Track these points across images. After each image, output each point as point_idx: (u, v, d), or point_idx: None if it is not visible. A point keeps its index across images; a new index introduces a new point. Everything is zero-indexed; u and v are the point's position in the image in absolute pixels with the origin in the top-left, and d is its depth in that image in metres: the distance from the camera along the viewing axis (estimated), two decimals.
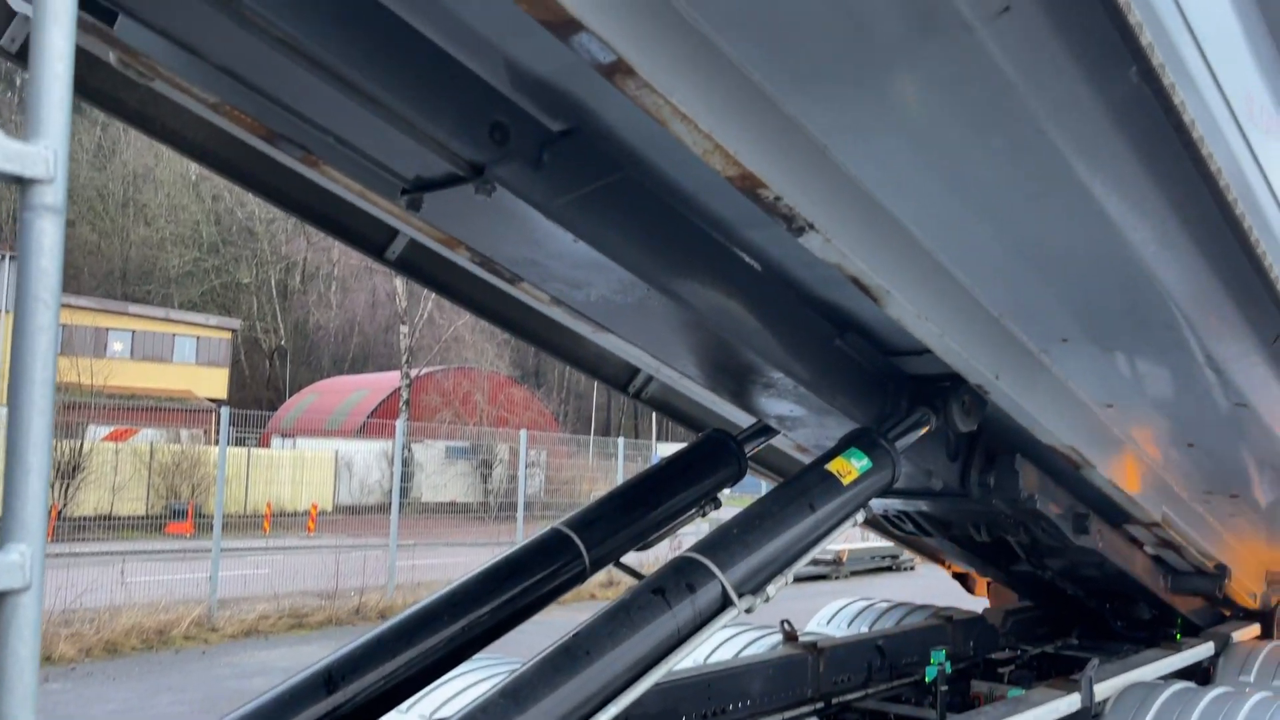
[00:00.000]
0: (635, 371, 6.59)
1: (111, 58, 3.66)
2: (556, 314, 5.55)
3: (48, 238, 1.39)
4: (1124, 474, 5.73)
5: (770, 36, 2.95)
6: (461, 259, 4.86)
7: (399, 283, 47.79)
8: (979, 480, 5.49)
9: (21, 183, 1.38)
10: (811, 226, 3.36)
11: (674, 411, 6.90)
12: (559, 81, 3.34)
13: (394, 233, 5.01)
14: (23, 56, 3.97)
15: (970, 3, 2.68)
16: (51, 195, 1.40)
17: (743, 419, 6.08)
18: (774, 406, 4.96)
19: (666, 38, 2.78)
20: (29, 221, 1.39)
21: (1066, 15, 2.74)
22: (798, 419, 5.04)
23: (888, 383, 5.03)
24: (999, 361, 4.47)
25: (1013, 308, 4.31)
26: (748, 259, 4.31)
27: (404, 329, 50.45)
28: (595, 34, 2.61)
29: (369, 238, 4.99)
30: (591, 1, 2.58)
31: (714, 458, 5.27)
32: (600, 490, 17.19)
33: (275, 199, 4.64)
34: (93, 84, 4.00)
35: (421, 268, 5.16)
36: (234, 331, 60.48)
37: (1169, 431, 5.75)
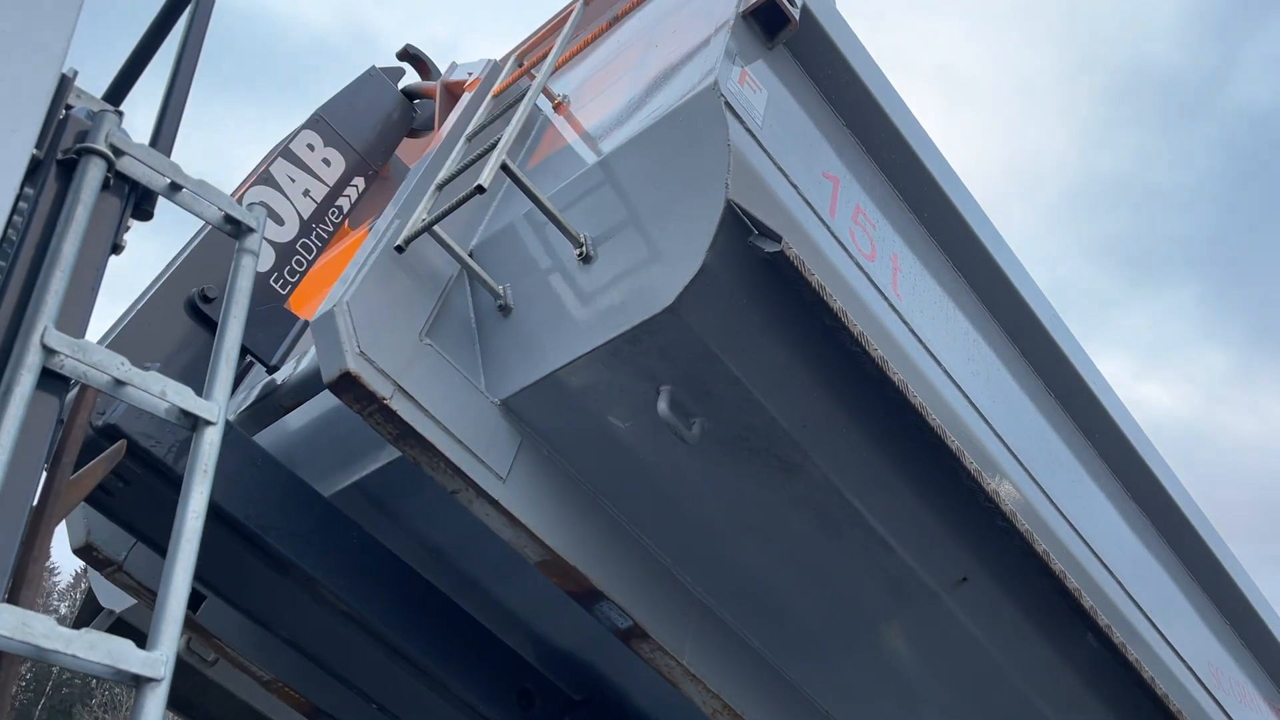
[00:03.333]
0: None
1: (181, 645, 4.10)
2: None
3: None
4: None
5: (764, 610, 3.39)
6: None
7: None
8: None
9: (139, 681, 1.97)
10: None
11: None
12: (579, 654, 3.72)
13: None
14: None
15: (933, 574, 3.17)
16: None
17: None
18: None
19: (675, 607, 3.22)
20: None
21: (1019, 584, 3.20)
22: None
23: None
24: None
25: None
26: None
27: None
28: (614, 602, 3.05)
29: None
30: (612, 575, 3.07)
31: None
32: None
33: None
34: None
35: None
36: None
37: None
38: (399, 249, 2.86)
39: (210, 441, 2.35)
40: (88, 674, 2.04)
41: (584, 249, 2.89)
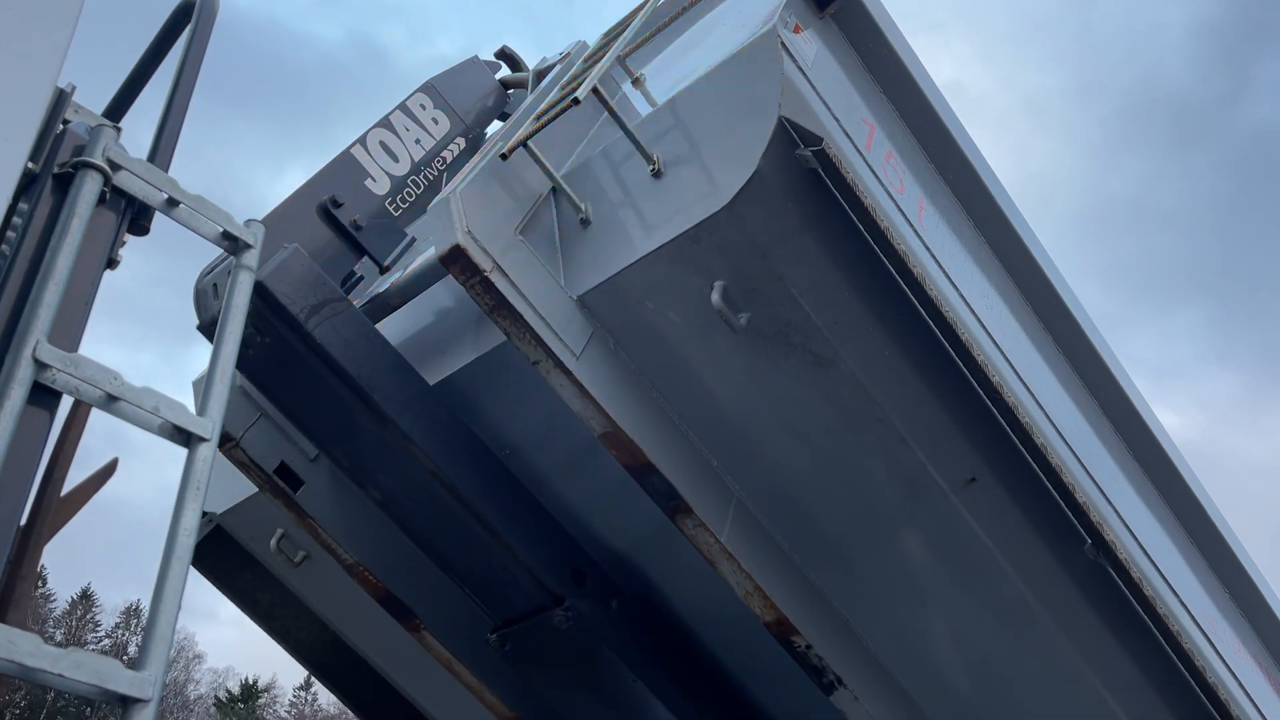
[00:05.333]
0: None
1: (272, 544, 4.61)
2: None
3: None
4: None
5: (793, 510, 3.82)
6: None
7: None
8: None
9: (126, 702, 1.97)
10: (841, 682, 3.86)
11: None
12: (626, 554, 4.17)
13: None
14: None
15: (944, 473, 3.60)
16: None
17: None
18: None
19: (717, 492, 3.68)
20: None
21: (1022, 485, 3.62)
22: None
23: None
24: None
25: None
26: None
27: None
28: (665, 477, 3.52)
29: None
30: (664, 454, 3.54)
31: None
32: None
33: (354, 703, 5.19)
34: (239, 583, 4.92)
35: None
36: None
37: None
38: (503, 156, 3.44)
39: (204, 458, 2.29)
40: (74, 694, 1.88)
41: (655, 165, 3.45)
